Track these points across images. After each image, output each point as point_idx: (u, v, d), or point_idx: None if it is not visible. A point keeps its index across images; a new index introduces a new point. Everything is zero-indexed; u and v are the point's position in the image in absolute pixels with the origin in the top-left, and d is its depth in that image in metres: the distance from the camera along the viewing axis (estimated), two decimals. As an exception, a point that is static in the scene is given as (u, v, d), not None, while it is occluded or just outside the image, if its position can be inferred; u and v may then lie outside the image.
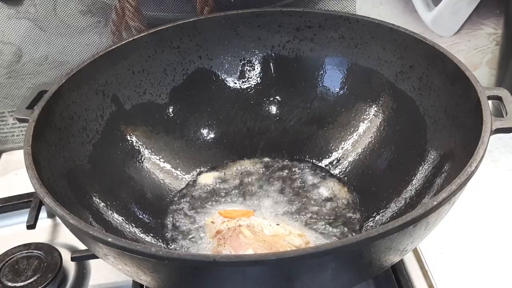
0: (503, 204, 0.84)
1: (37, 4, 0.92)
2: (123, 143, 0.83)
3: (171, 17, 0.91)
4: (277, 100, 0.92)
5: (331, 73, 0.88)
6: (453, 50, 0.98)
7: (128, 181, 0.81)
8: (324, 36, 0.86)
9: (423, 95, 0.77)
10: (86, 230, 0.53)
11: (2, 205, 0.89)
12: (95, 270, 0.79)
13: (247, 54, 0.91)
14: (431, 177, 0.72)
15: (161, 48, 0.86)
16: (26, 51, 0.96)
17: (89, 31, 0.96)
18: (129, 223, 0.75)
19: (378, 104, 0.85)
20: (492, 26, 1.01)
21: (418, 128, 0.77)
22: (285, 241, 0.69)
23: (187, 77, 0.89)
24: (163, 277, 0.55)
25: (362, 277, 0.65)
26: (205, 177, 0.86)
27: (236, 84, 0.92)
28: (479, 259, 0.76)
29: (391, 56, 0.81)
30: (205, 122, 0.91)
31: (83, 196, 0.72)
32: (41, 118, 0.69)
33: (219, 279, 0.54)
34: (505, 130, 0.63)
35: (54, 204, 0.57)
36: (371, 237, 0.50)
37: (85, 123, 0.78)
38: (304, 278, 0.53)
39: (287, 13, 0.87)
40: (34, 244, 0.79)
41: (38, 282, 0.73)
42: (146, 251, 0.50)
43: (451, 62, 0.72)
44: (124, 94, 0.84)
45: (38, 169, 0.62)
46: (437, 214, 0.55)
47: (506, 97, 0.68)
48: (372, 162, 0.83)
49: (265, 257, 0.49)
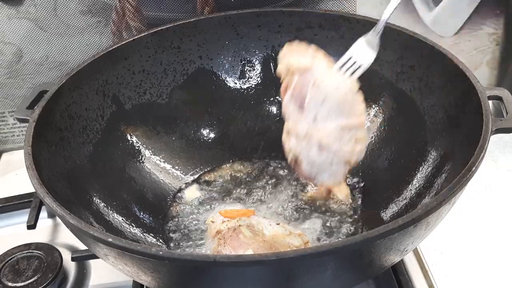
0: (503, 204, 0.84)
1: (38, 4, 0.92)
2: (124, 143, 0.83)
3: (171, 17, 0.91)
4: (278, 100, 0.92)
5: (331, 73, 0.88)
6: (454, 50, 0.97)
7: (128, 181, 0.81)
8: (324, 36, 0.86)
9: (423, 95, 0.77)
10: (86, 230, 0.53)
11: (3, 205, 0.89)
12: (95, 270, 0.79)
13: (248, 54, 0.91)
14: (431, 177, 0.72)
15: (162, 48, 0.86)
16: (27, 51, 0.96)
17: (90, 31, 0.96)
18: (129, 223, 0.75)
19: (379, 104, 0.85)
20: (492, 26, 1.01)
21: (418, 128, 0.77)
22: (285, 241, 0.69)
23: (188, 77, 0.89)
24: (163, 277, 0.55)
25: (362, 277, 0.65)
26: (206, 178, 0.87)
27: (236, 84, 0.92)
28: (479, 259, 0.76)
29: (391, 56, 0.81)
30: (205, 122, 0.91)
31: (83, 196, 0.72)
32: (41, 118, 0.69)
33: (219, 279, 0.54)
34: (506, 130, 0.64)
35: (55, 204, 0.57)
36: (371, 237, 0.50)
37: (86, 123, 0.78)
38: (304, 278, 0.53)
39: (287, 13, 0.87)
40: (34, 244, 0.79)
41: (39, 282, 0.73)
42: (146, 251, 0.50)
43: (452, 62, 0.72)
44: (125, 94, 0.84)
45: (38, 169, 0.62)
46: (438, 214, 0.55)
47: (507, 97, 0.68)
48: (373, 162, 0.83)
49: (265, 257, 0.49)
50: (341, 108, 0.66)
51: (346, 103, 0.66)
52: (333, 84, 0.66)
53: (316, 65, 0.67)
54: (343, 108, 0.66)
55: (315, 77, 0.66)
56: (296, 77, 0.67)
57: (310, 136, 0.67)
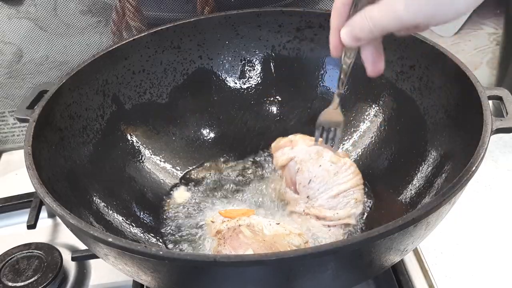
0: (503, 204, 0.84)
1: (38, 4, 0.92)
2: (124, 143, 0.83)
3: (171, 17, 0.91)
4: (278, 100, 0.92)
5: (332, 73, 0.88)
6: (454, 50, 0.98)
7: (129, 181, 0.81)
8: (324, 36, 0.86)
9: (423, 95, 0.77)
10: (86, 230, 0.53)
11: (3, 205, 0.89)
12: (95, 270, 0.79)
13: (248, 54, 0.91)
14: (431, 177, 0.72)
15: (162, 48, 0.86)
16: (27, 51, 0.96)
17: (90, 31, 0.96)
18: (130, 223, 0.75)
19: (379, 104, 0.85)
20: (493, 26, 1.01)
21: (418, 128, 0.77)
22: (285, 241, 0.69)
23: (188, 77, 0.89)
24: (163, 277, 0.55)
25: (363, 277, 0.65)
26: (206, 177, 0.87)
27: (236, 84, 0.92)
28: (479, 259, 0.76)
29: (391, 56, 0.81)
30: (205, 122, 0.91)
31: (84, 196, 0.72)
32: (41, 118, 0.69)
33: (219, 279, 0.54)
34: (506, 130, 0.63)
35: (55, 204, 0.57)
36: (371, 237, 0.50)
37: (86, 123, 0.78)
38: (304, 278, 0.53)
39: (287, 13, 0.87)
40: (34, 244, 0.79)
41: (39, 282, 0.73)
42: (146, 251, 0.50)
43: (452, 62, 0.72)
44: (125, 94, 0.84)
45: (39, 169, 0.62)
46: (438, 214, 0.55)
47: (507, 97, 0.68)
48: (373, 162, 0.83)
49: (265, 257, 0.49)
50: (327, 181, 0.75)
51: (330, 176, 0.75)
52: (314, 165, 0.76)
53: (297, 154, 0.77)
54: (328, 181, 0.75)
55: (297, 165, 0.77)
56: (285, 170, 0.79)
57: (307, 213, 0.75)
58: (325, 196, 0.75)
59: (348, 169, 0.76)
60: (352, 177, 0.76)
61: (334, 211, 0.74)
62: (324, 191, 0.75)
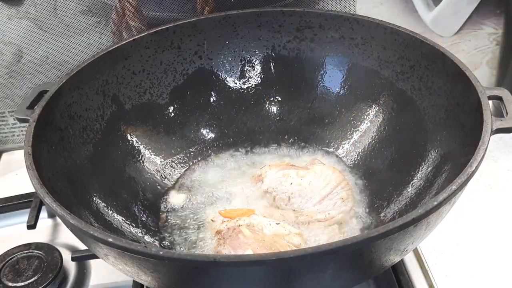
0: (503, 204, 0.84)
1: (38, 4, 0.92)
2: (124, 143, 0.83)
3: (171, 17, 0.91)
4: (278, 100, 0.92)
5: (332, 73, 0.88)
6: (454, 50, 0.98)
7: (129, 181, 0.81)
8: (324, 36, 0.86)
9: (423, 95, 0.77)
10: (86, 230, 0.53)
11: (3, 205, 0.89)
12: (96, 270, 0.79)
13: (248, 54, 0.91)
14: (431, 177, 0.72)
15: (162, 48, 0.86)
16: (27, 51, 0.96)
17: (90, 31, 0.96)
18: (129, 223, 0.75)
19: (379, 104, 0.85)
20: (493, 26, 1.01)
21: (418, 128, 0.77)
22: (284, 240, 0.69)
23: (188, 77, 0.90)
24: (163, 277, 0.55)
25: (362, 277, 0.65)
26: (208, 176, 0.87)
27: (236, 84, 0.92)
28: (479, 259, 0.76)
29: (391, 56, 0.81)
30: (205, 122, 0.91)
31: (84, 196, 0.72)
32: (41, 118, 0.69)
33: (219, 279, 0.54)
34: (506, 130, 0.63)
35: (55, 204, 0.57)
36: (371, 237, 0.50)
37: (86, 123, 0.78)
38: (304, 278, 0.53)
39: (287, 13, 0.87)
40: (34, 244, 0.79)
41: (39, 282, 0.73)
42: (146, 251, 0.50)
43: (452, 62, 0.72)
44: (125, 94, 0.84)
45: (39, 169, 0.62)
46: (438, 214, 0.55)
47: (507, 97, 0.68)
48: (373, 162, 0.83)
49: (265, 257, 0.49)
50: (305, 194, 0.77)
51: (306, 188, 0.77)
52: (286, 186, 0.78)
53: (268, 185, 0.79)
54: (306, 193, 0.77)
55: (273, 193, 0.78)
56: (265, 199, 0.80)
57: (298, 221, 0.75)
58: (310, 205, 0.76)
59: (322, 174, 0.77)
60: (330, 179, 0.77)
61: (325, 213, 0.75)
62: (307, 201, 0.76)
